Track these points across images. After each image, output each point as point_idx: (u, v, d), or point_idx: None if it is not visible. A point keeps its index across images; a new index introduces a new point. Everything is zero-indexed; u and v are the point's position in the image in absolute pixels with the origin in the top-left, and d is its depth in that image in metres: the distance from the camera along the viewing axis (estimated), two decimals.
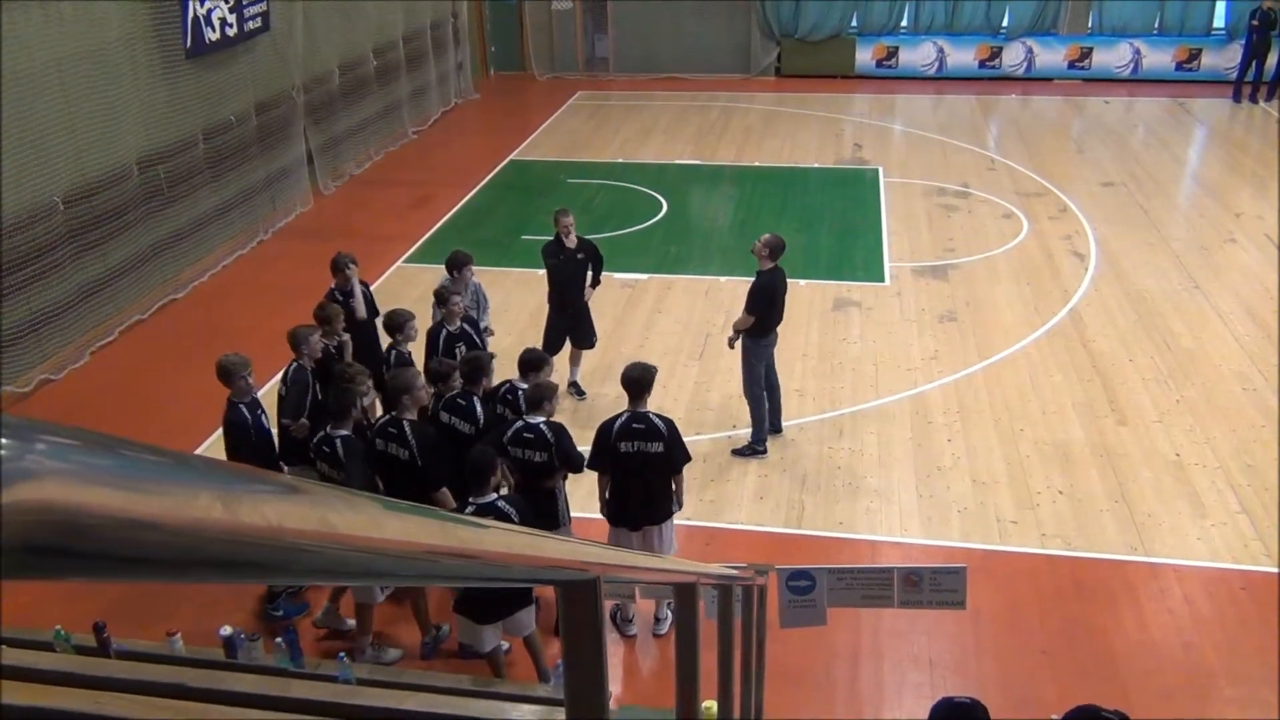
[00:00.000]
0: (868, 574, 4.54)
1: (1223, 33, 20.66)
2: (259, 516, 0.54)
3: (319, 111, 14.88)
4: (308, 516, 0.58)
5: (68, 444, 0.46)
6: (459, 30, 20.14)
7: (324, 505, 0.61)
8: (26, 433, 0.44)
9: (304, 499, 0.59)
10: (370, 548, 0.67)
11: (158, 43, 11.20)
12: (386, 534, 0.69)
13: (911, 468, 8.35)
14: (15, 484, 0.41)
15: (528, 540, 1.04)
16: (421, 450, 6.13)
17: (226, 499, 0.52)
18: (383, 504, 0.71)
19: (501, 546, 0.93)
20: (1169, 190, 14.99)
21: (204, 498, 0.51)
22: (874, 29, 21.61)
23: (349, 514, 0.64)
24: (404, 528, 0.73)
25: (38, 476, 0.43)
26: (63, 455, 0.45)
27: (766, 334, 8.34)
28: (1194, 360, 9.91)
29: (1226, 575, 7.08)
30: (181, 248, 11.87)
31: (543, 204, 14.29)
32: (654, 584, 4.43)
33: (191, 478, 0.52)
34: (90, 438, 0.48)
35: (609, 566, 1.42)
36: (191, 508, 0.50)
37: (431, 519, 0.81)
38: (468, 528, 0.86)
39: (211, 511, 0.51)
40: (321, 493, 0.62)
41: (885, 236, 13.19)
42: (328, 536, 0.60)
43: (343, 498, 0.65)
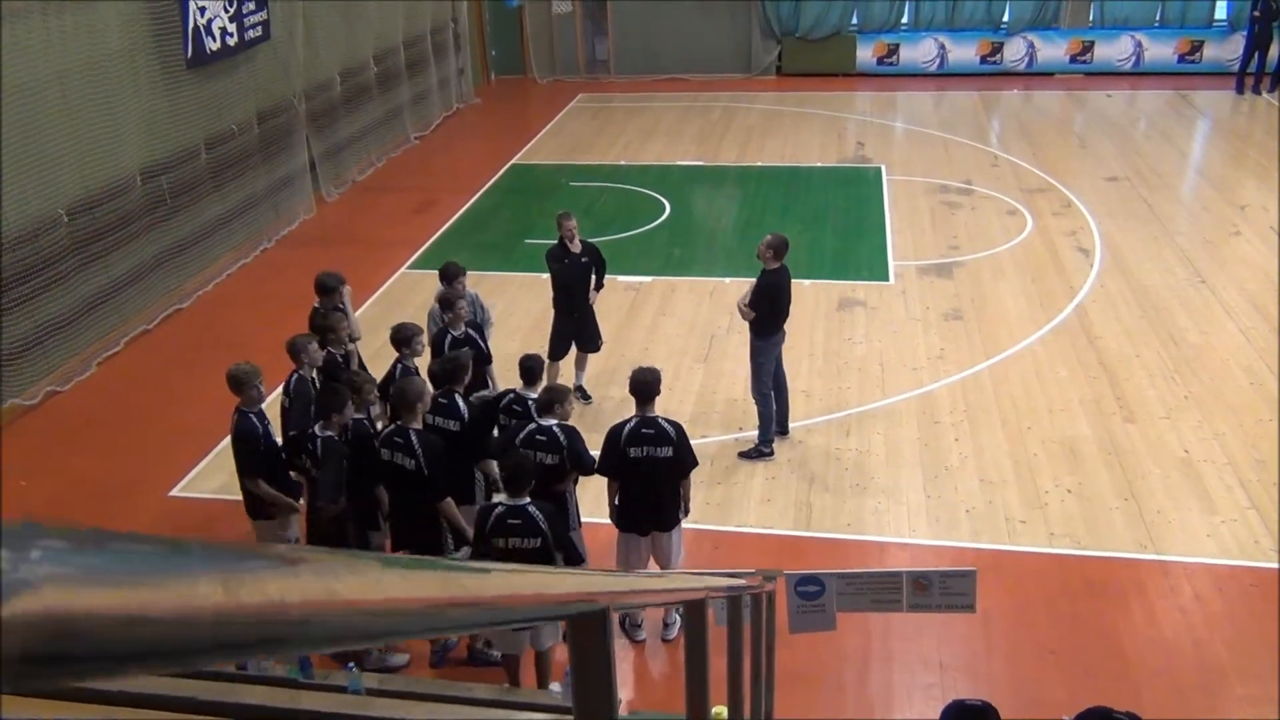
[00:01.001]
0: (877, 578, 4.52)
1: (1224, 24, 20.60)
2: (261, 595, 0.53)
3: (321, 119, 14.89)
4: (311, 588, 0.58)
5: (60, 546, 0.45)
6: (459, 35, 20.14)
7: (327, 574, 0.60)
8: (17, 538, 0.43)
9: (305, 570, 0.58)
10: (375, 609, 0.66)
11: (158, 53, 11.22)
12: (391, 594, 0.68)
13: (919, 468, 8.33)
14: (11, 596, 0.40)
15: (534, 579, 1.03)
16: (428, 460, 6.12)
17: (227, 582, 0.51)
18: (383, 562, 0.70)
19: (507, 590, 0.93)
20: (1173, 184, 14.95)
21: (203, 584, 0.50)
22: (874, 26, 21.57)
23: (352, 579, 0.63)
24: (407, 585, 0.72)
25: (33, 586, 0.42)
26: (57, 559, 0.44)
27: (773, 333, 8.33)
28: (1201, 355, 9.88)
29: (1237, 572, 7.06)
30: (185, 257, 11.88)
31: (545, 208, 14.28)
32: (662, 603, 4.42)
33: (189, 565, 0.52)
34: (82, 536, 0.47)
35: (617, 594, 1.41)
36: (192, 596, 0.49)
37: (433, 572, 0.80)
38: (471, 575, 0.85)
39: (212, 597, 0.50)
40: (322, 561, 0.62)
41: (889, 235, 13.17)
42: (332, 605, 0.60)
43: (344, 562, 0.64)
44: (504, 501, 5.69)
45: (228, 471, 8.06)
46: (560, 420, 6.32)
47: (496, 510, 5.69)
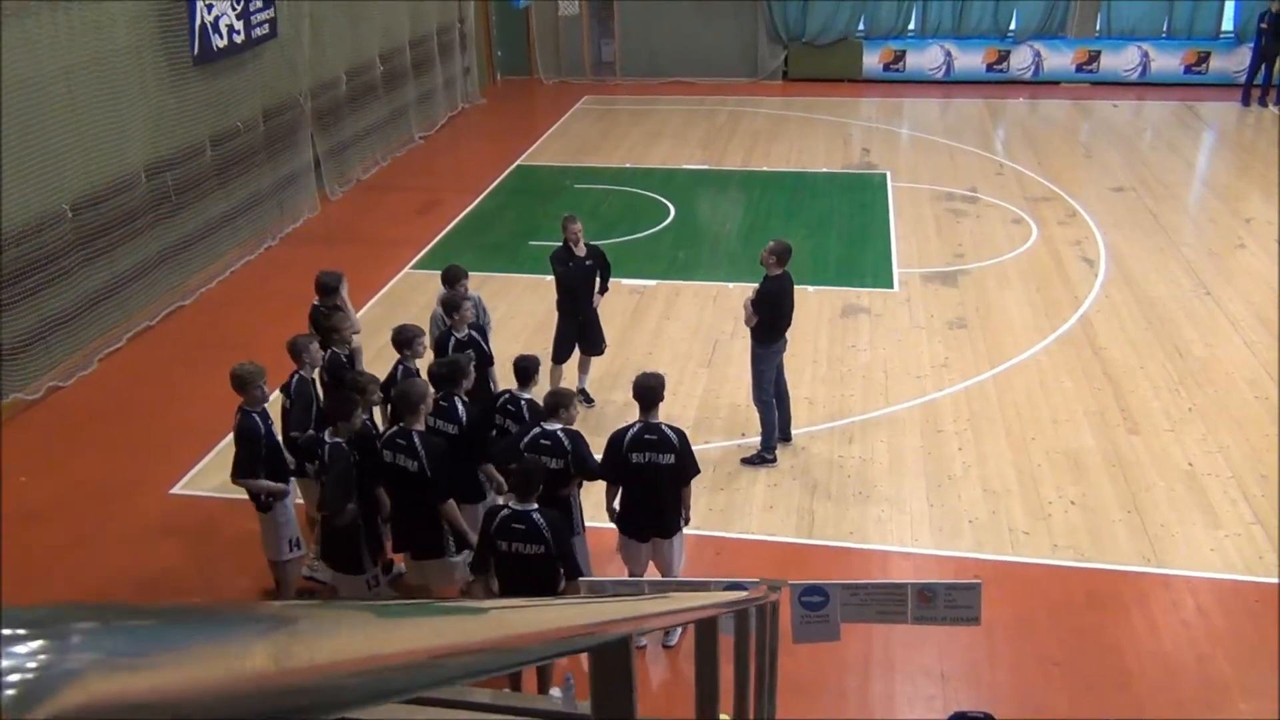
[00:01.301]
0: (881, 590, 4.50)
1: (1231, 35, 20.58)
2: (307, 661, 0.51)
3: (326, 117, 14.88)
4: (353, 646, 0.55)
5: (99, 628, 0.43)
6: (465, 35, 20.14)
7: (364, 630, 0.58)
8: (55, 624, 0.41)
9: (343, 628, 0.56)
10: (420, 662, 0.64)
11: (165, 50, 11.20)
12: (434, 643, 0.66)
13: (922, 476, 8.31)
14: (58, 691, 0.38)
15: (555, 613, 1.01)
16: (431, 462, 6.10)
17: (274, 651, 0.49)
18: (419, 610, 0.68)
19: (537, 626, 0.90)
20: (1179, 195, 14.93)
21: (253, 656, 0.48)
22: (881, 32, 21.56)
23: (388, 634, 0.61)
24: (450, 632, 0.70)
25: (79, 676, 0.40)
26: (98, 643, 0.42)
27: (774, 340, 8.31)
28: (1206, 368, 9.85)
29: (1241, 587, 7.03)
30: (189, 255, 11.87)
31: (550, 209, 14.28)
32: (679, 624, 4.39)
33: (233, 636, 0.49)
34: (120, 612, 0.45)
35: (638, 620, 1.38)
36: (241, 670, 0.47)
37: (468, 616, 0.78)
38: (500, 615, 0.83)
39: (261, 668, 0.48)
40: (356, 616, 0.59)
41: (894, 242, 13.15)
42: (373, 661, 0.57)
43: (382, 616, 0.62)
44: (510, 505, 5.67)
45: (229, 470, 8.04)
46: (565, 424, 6.30)
47: (502, 513, 5.68)
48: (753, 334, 8.28)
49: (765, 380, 8.36)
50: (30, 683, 0.38)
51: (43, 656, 0.39)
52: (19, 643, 0.39)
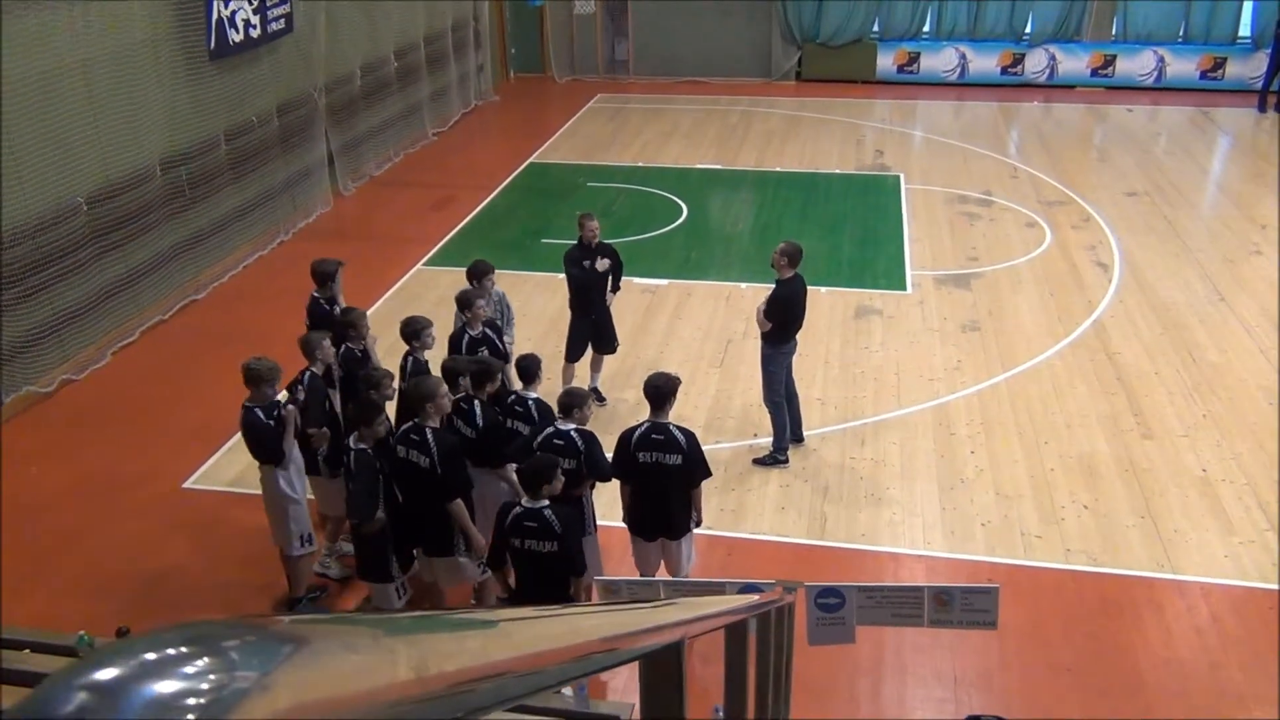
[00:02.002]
0: (898, 592, 4.48)
1: (1248, 41, 20.48)
2: (439, 668, 0.50)
3: (340, 113, 14.90)
4: (476, 655, 0.55)
5: (274, 643, 0.42)
6: (480, 32, 20.15)
7: (487, 639, 0.57)
8: (210, 644, 0.40)
9: (472, 638, 0.55)
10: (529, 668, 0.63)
11: (181, 44, 11.22)
12: (537, 648, 0.66)
13: (934, 479, 8.28)
14: (236, 707, 0.38)
15: (611, 619, 1.00)
16: (442, 458, 6.09)
17: (417, 662, 0.49)
18: (518, 619, 0.68)
19: (605, 631, 0.89)
20: (1193, 200, 14.86)
21: (400, 666, 0.48)
22: (896, 34, 21.52)
23: (502, 641, 0.60)
24: (538, 636, 0.69)
25: (267, 689, 0.39)
26: (250, 661, 0.41)
27: (786, 341, 8.29)
28: (1220, 374, 9.81)
29: (1255, 595, 6.99)
30: (202, 249, 11.89)
31: (563, 207, 14.29)
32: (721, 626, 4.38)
33: (382, 648, 0.49)
34: (288, 632, 0.44)
35: (689, 624, 1.37)
36: (392, 679, 0.46)
37: (556, 619, 0.77)
38: (585, 618, 0.82)
39: (407, 677, 0.47)
40: (474, 625, 0.59)
41: (907, 244, 13.12)
42: (489, 669, 0.57)
43: (489, 625, 0.61)
44: (523, 503, 5.67)
45: (242, 464, 8.06)
46: (579, 424, 6.29)
47: (515, 510, 5.67)
48: (764, 335, 8.27)
49: (776, 381, 8.35)
50: (209, 705, 0.38)
51: (214, 676, 0.38)
52: (184, 663, 0.39)
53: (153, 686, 0.38)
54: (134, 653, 0.39)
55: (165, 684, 0.38)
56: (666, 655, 1.23)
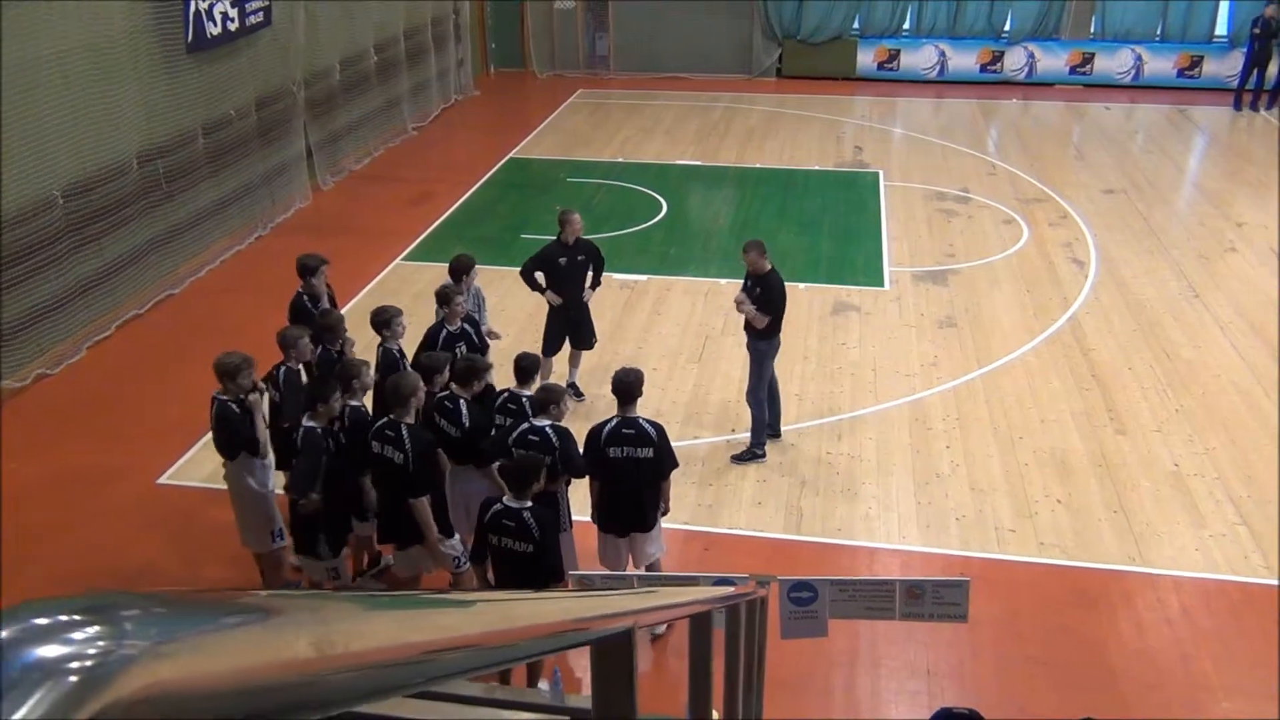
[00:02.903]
0: (870, 586, 4.52)
1: (1224, 40, 20.67)
2: (345, 648, 0.51)
3: (319, 107, 14.84)
4: (388, 633, 0.56)
5: (150, 615, 0.43)
6: (460, 26, 20.09)
7: (403, 622, 0.58)
8: (108, 610, 0.41)
9: (384, 618, 0.56)
10: (445, 647, 0.64)
11: (159, 37, 11.15)
12: (462, 631, 0.66)
13: (910, 474, 8.33)
14: (117, 674, 0.39)
15: (559, 606, 1.01)
16: (415, 456, 6.09)
17: (316, 638, 0.49)
18: (441, 604, 0.69)
19: (540, 619, 0.91)
20: (1169, 198, 14.99)
21: (300, 642, 0.48)
22: (876, 31, 21.59)
23: (423, 623, 0.61)
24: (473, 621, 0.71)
25: (137, 660, 0.40)
26: (147, 630, 0.42)
27: (778, 331, 8.30)
28: (1193, 370, 9.90)
29: (1225, 587, 7.07)
30: (180, 243, 11.82)
31: (543, 202, 14.28)
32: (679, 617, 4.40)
33: (279, 622, 0.49)
34: (168, 601, 0.45)
35: (641, 613, 1.39)
36: (291, 654, 0.47)
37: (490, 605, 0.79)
38: (514, 605, 0.83)
39: (306, 653, 0.48)
40: (389, 606, 0.60)
41: (885, 241, 13.18)
42: (407, 650, 0.58)
43: (405, 607, 0.62)
44: (504, 501, 5.67)
45: (218, 460, 8.01)
46: (554, 421, 6.31)
47: (495, 507, 5.67)
48: (759, 331, 8.19)
49: (766, 375, 8.35)
50: (92, 669, 0.39)
51: (101, 643, 0.39)
52: (75, 629, 0.40)
53: (37, 650, 0.39)
54: (26, 617, 0.40)
55: (50, 648, 0.39)
56: (617, 642, 1.24)
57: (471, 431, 6.56)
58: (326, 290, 8.12)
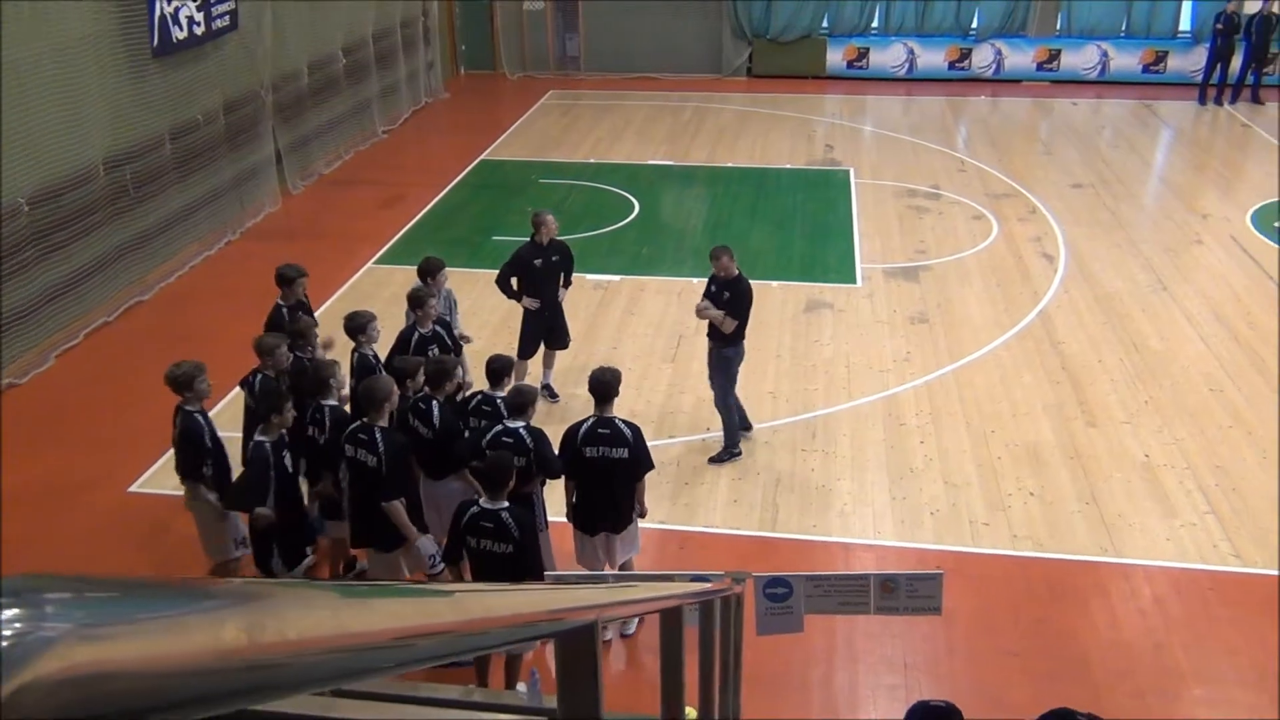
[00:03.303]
0: (844, 581, 4.54)
1: (1188, 36, 20.91)
2: (279, 635, 0.51)
3: (288, 110, 14.74)
4: (325, 623, 0.56)
5: (73, 598, 0.43)
6: (429, 29, 20.03)
7: (340, 609, 0.58)
8: (28, 593, 0.41)
9: (317, 605, 0.56)
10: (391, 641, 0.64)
11: (124, 42, 11.05)
12: (408, 623, 0.66)
13: (884, 470, 8.38)
14: (34, 657, 0.38)
15: (526, 597, 1.01)
16: (389, 459, 6.07)
17: (249, 624, 0.49)
18: (385, 592, 0.69)
19: (505, 610, 0.91)
20: (1136, 192, 15.14)
21: (228, 628, 0.48)
22: (845, 30, 21.70)
23: (361, 612, 0.61)
24: (421, 613, 0.70)
25: (55, 643, 0.40)
26: (71, 613, 0.42)
27: (743, 337, 8.30)
28: (1162, 361, 10.01)
29: (1196, 575, 7.16)
30: (148, 249, 11.72)
31: (515, 204, 14.26)
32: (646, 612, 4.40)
33: (209, 608, 0.49)
34: (94, 585, 0.45)
35: (605, 607, 1.39)
36: (218, 641, 0.47)
37: (437, 598, 0.78)
38: (471, 597, 0.83)
39: (237, 641, 0.48)
40: (331, 594, 0.60)
41: (857, 238, 13.25)
42: (346, 639, 0.58)
43: (346, 596, 0.62)
44: (481, 503, 5.66)
45: None
46: (528, 422, 6.30)
47: (472, 510, 5.66)
48: (726, 337, 8.13)
49: (735, 381, 8.34)
50: (7, 650, 0.39)
51: (18, 625, 0.39)
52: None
53: None
54: None
55: None
56: (581, 636, 1.24)
57: (443, 433, 6.55)
58: (303, 301, 8.08)
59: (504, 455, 5.86)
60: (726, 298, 8.05)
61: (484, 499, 5.68)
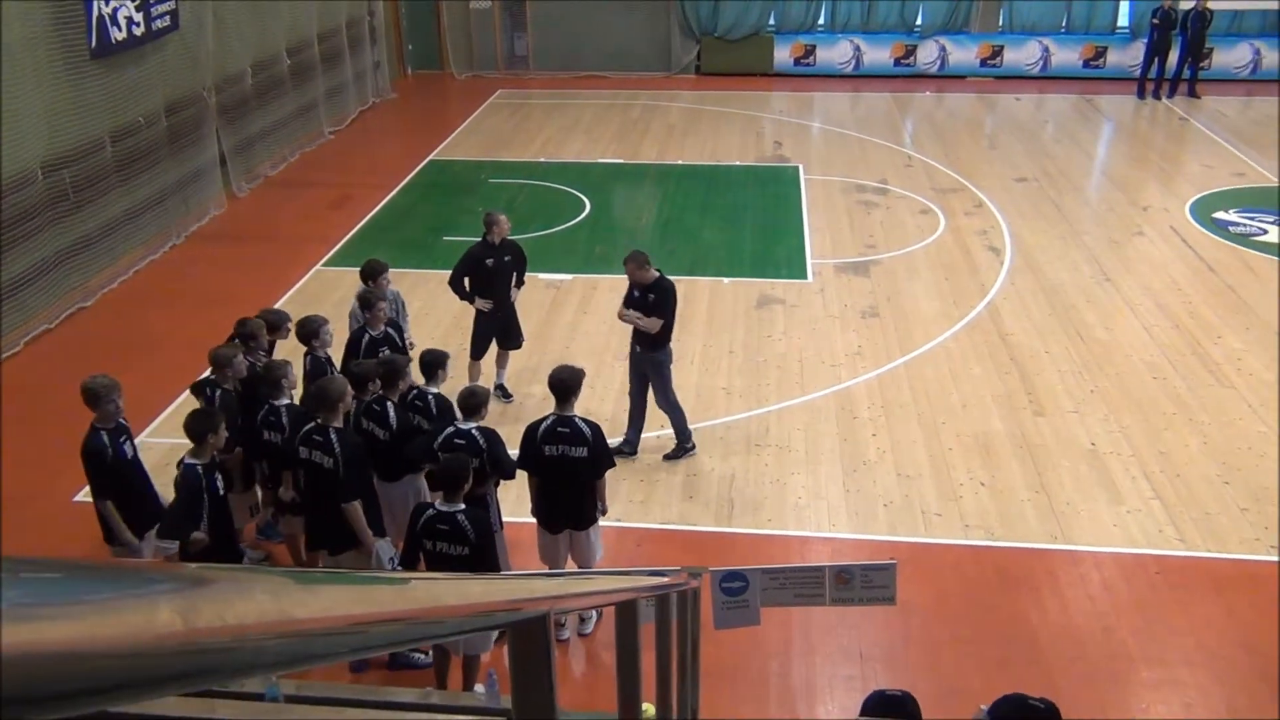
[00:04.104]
0: (799, 573, 4.57)
1: (1126, 31, 21.32)
2: (219, 620, 0.50)
3: (232, 112, 14.54)
4: (266, 609, 0.55)
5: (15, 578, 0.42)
6: (375, 28, 19.85)
7: (281, 594, 0.57)
8: None
9: (257, 590, 0.55)
10: (333, 629, 0.63)
11: (61, 43, 10.82)
12: (349, 611, 0.65)
13: (838, 463, 8.44)
14: None
15: (476, 587, 1.01)
16: (345, 460, 6.01)
17: (184, 608, 0.48)
18: (338, 579, 0.68)
19: (454, 599, 0.90)
20: (1079, 185, 15.40)
21: (162, 611, 0.47)
22: (791, 27, 21.85)
23: (305, 599, 0.60)
24: (364, 601, 0.70)
25: None
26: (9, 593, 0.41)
27: (670, 339, 8.25)
28: (1107, 351, 10.19)
29: (1142, 560, 7.30)
30: (90, 254, 11.48)
31: (465, 204, 14.18)
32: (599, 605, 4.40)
33: (145, 591, 0.48)
34: (28, 565, 0.44)
35: (557, 599, 1.39)
36: (152, 625, 0.46)
37: (385, 585, 0.78)
38: (419, 586, 0.82)
39: (172, 625, 0.47)
40: (275, 580, 0.59)
41: (807, 233, 13.34)
42: (287, 625, 0.57)
43: (293, 581, 0.61)
44: (437, 505, 5.62)
45: None
46: (479, 423, 6.28)
47: (428, 512, 5.63)
48: (655, 341, 8.10)
49: (671, 381, 8.30)
50: None
51: None
52: None
53: None
54: None
55: None
56: (534, 629, 1.24)
57: (399, 433, 6.51)
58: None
59: (461, 457, 5.83)
60: (651, 299, 8.02)
61: (440, 501, 5.65)
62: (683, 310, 11.09)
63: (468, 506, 5.64)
